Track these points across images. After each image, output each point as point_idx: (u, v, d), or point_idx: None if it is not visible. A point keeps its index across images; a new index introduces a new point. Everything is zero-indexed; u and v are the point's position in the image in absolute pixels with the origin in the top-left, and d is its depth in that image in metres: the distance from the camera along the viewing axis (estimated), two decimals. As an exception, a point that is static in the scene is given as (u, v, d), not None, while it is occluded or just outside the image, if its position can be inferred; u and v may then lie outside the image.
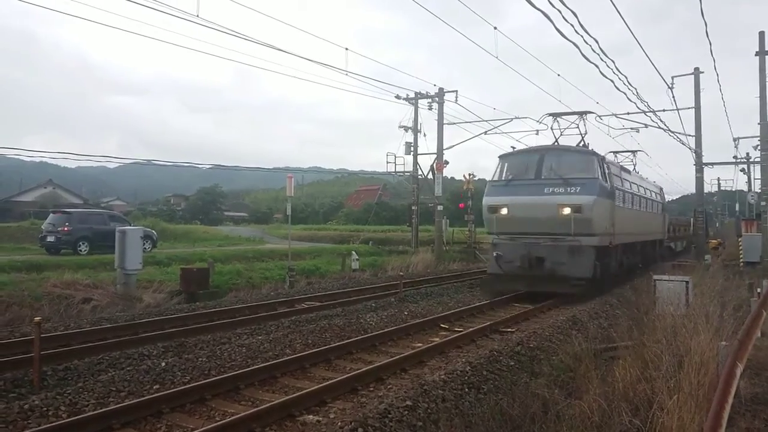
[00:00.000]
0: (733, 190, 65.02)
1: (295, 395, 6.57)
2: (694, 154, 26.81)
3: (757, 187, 35.81)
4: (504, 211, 15.43)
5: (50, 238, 24.32)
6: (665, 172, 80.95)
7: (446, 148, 30.35)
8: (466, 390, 7.25)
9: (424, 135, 31.19)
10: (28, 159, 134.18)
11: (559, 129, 18.02)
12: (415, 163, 31.57)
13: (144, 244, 19.95)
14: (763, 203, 23.24)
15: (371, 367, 7.89)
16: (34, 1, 12.76)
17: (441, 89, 30.08)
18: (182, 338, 9.94)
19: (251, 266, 21.33)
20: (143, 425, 5.94)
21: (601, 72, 14.45)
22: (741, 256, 23.53)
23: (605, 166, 15.80)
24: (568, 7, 10.07)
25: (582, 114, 17.94)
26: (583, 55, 12.67)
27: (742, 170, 43.85)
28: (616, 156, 25.62)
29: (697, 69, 26.41)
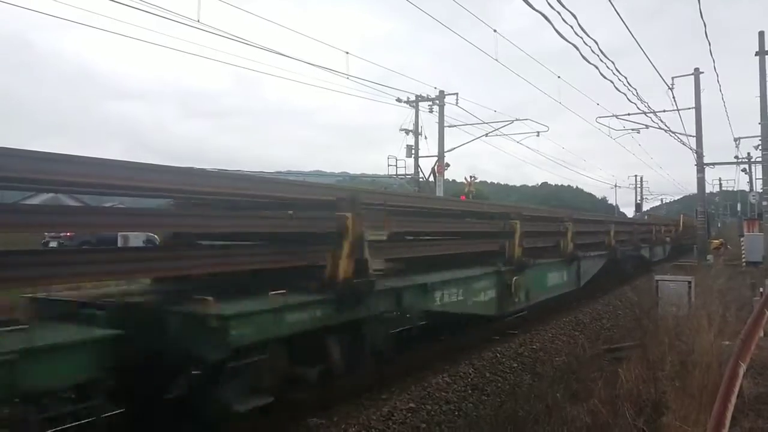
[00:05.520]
0: (735, 190, 65.12)
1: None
2: (695, 155, 26.80)
3: (758, 186, 35.76)
4: None
5: (53, 244, 24.37)
6: (667, 172, 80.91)
7: (447, 151, 30.41)
8: (470, 392, 7.26)
9: (425, 138, 31.23)
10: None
11: None
12: (416, 165, 31.60)
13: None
14: (764, 203, 23.19)
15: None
16: (33, 6, 12.82)
17: (441, 92, 30.12)
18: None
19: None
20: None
21: (601, 73, 14.46)
22: (743, 256, 23.49)
23: None
24: (567, 9, 10.09)
25: None
26: (583, 57, 12.68)
27: (744, 170, 43.79)
28: None
29: (697, 69, 26.42)
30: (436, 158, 30.44)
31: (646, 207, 69.16)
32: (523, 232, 9.87)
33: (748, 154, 40.64)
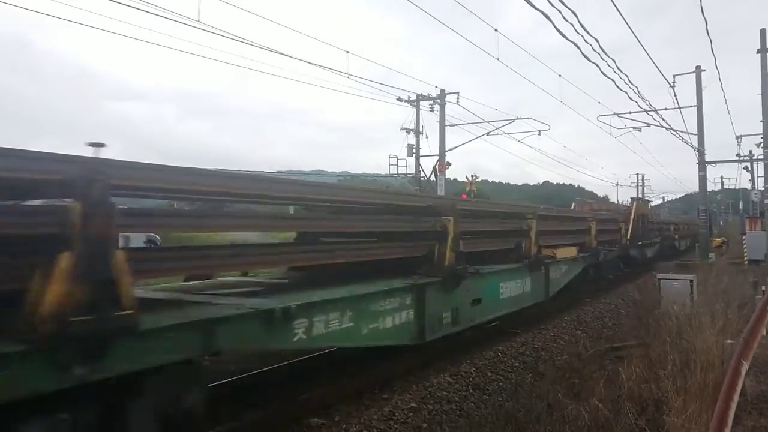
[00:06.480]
0: (737, 188, 65.00)
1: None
2: (697, 153, 26.74)
3: (760, 184, 35.75)
4: None
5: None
6: (668, 171, 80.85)
7: (448, 150, 30.39)
8: (471, 391, 7.24)
9: (426, 137, 31.17)
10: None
11: None
12: (418, 165, 31.56)
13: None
14: (766, 201, 23.15)
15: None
16: (32, 6, 12.82)
17: (442, 91, 30.10)
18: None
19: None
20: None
21: (601, 71, 14.43)
22: (745, 254, 23.43)
23: None
24: (567, 7, 10.07)
25: None
26: (584, 55, 12.65)
27: (745, 168, 43.80)
28: None
29: (698, 67, 26.35)
30: (437, 157, 30.42)
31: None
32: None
33: (750, 152, 40.71)
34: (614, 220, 18.93)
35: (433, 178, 31.12)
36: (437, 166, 30.42)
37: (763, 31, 21.01)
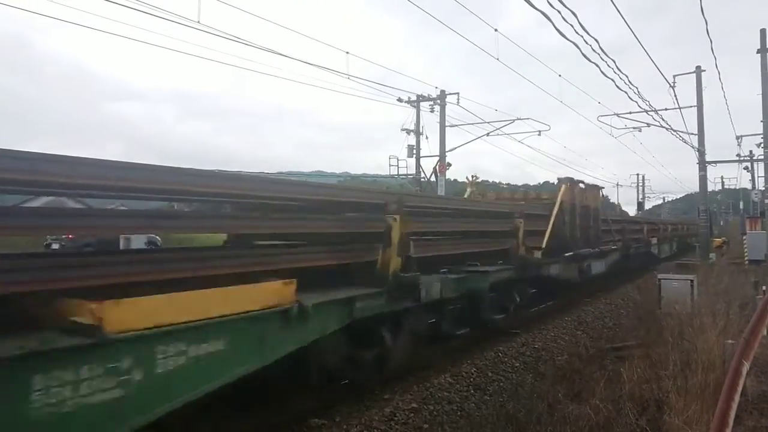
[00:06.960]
0: (737, 188, 65.02)
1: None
2: (697, 153, 26.71)
3: (760, 184, 35.77)
4: None
5: (54, 246, 24.40)
6: (669, 171, 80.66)
7: (449, 151, 30.38)
8: (472, 392, 7.23)
9: (426, 137, 31.17)
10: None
11: None
12: (418, 165, 31.56)
13: (148, 250, 19.93)
14: (766, 201, 23.14)
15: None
16: (29, 7, 12.83)
17: (443, 91, 30.11)
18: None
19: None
20: None
21: (601, 71, 14.40)
22: (745, 254, 23.41)
23: None
24: (567, 7, 10.06)
25: None
26: (584, 55, 12.64)
27: (746, 168, 43.82)
28: None
29: (698, 67, 26.33)
30: (437, 158, 30.42)
31: (648, 205, 69.15)
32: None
33: (750, 152, 40.72)
34: (505, 215, 10.44)
35: (433, 178, 31.12)
36: (437, 167, 30.41)
37: (763, 31, 21.00)
